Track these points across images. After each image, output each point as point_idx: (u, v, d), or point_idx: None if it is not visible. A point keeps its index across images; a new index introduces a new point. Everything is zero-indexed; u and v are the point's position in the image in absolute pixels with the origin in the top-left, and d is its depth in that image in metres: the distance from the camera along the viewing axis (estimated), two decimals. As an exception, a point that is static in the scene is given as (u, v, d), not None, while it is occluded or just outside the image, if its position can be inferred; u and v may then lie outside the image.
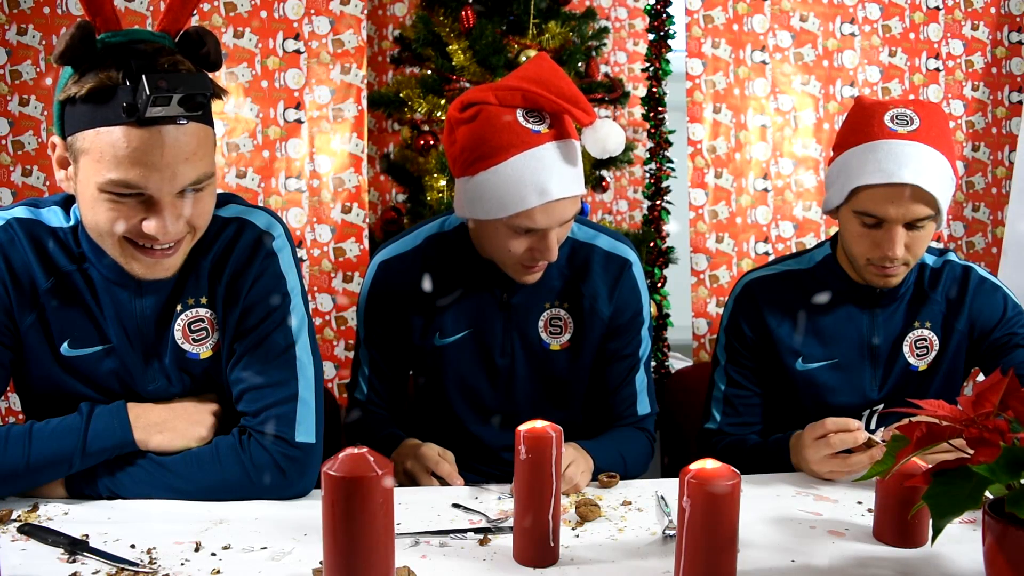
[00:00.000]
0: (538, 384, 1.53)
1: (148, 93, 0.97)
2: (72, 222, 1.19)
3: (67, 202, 1.21)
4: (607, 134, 1.31)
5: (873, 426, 1.53)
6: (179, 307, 1.21)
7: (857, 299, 1.51)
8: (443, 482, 1.31)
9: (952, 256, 1.55)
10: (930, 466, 0.91)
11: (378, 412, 1.55)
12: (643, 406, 1.55)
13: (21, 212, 1.19)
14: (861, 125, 1.40)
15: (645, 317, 1.55)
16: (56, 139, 1.08)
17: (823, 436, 1.29)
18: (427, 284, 1.48)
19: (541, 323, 1.50)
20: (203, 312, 1.22)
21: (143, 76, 0.98)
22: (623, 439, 1.50)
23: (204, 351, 1.23)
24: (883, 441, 1.27)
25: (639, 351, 1.54)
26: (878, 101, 1.43)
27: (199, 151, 1.06)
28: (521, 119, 1.30)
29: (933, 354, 1.51)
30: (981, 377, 1.56)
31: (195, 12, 2.40)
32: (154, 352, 1.21)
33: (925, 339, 1.51)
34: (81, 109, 1.01)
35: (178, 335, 1.21)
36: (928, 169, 1.34)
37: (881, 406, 1.52)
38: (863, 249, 1.42)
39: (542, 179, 1.28)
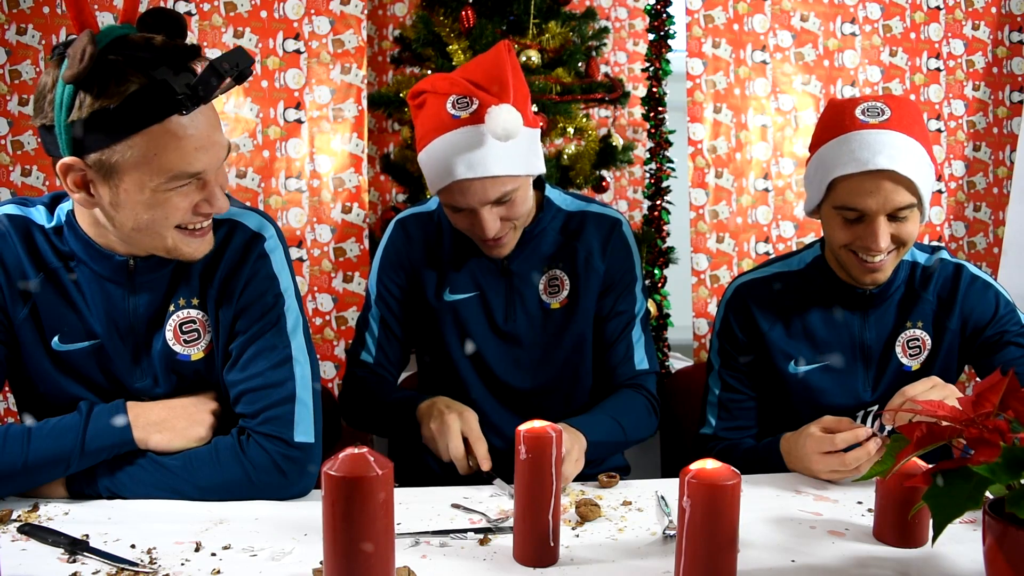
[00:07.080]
0: (542, 349, 1.56)
1: (210, 75, 1.03)
2: (55, 223, 1.20)
3: (53, 203, 1.22)
4: (503, 119, 1.32)
5: (868, 426, 1.53)
6: (171, 307, 1.21)
7: (848, 301, 1.50)
8: (468, 450, 1.30)
9: (944, 254, 1.54)
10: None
11: (387, 376, 1.58)
12: (640, 361, 1.56)
13: (11, 209, 1.20)
14: (833, 121, 1.40)
15: (638, 275, 1.60)
16: (70, 160, 1.03)
17: (831, 451, 1.28)
18: (443, 242, 1.55)
19: (541, 285, 1.56)
20: (194, 313, 1.22)
21: (198, 63, 1.04)
22: (618, 405, 1.50)
23: (195, 353, 1.23)
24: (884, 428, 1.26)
25: (634, 308, 1.58)
26: (849, 99, 1.43)
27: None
28: (449, 106, 1.36)
29: (926, 354, 1.50)
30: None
31: (195, 9, 2.42)
32: (143, 350, 1.21)
33: (917, 339, 1.50)
34: (115, 118, 1.00)
35: (169, 335, 1.21)
36: (902, 155, 1.32)
37: (876, 407, 1.51)
38: (845, 239, 1.39)
39: (450, 161, 1.35)
